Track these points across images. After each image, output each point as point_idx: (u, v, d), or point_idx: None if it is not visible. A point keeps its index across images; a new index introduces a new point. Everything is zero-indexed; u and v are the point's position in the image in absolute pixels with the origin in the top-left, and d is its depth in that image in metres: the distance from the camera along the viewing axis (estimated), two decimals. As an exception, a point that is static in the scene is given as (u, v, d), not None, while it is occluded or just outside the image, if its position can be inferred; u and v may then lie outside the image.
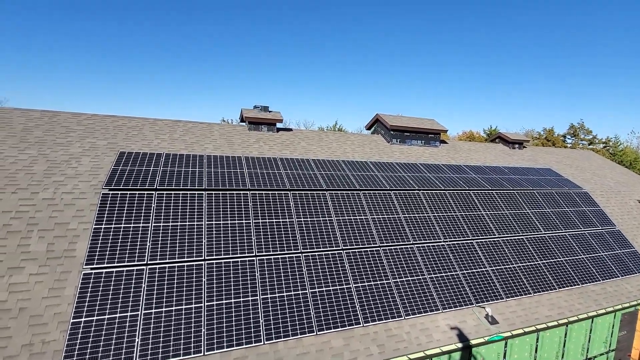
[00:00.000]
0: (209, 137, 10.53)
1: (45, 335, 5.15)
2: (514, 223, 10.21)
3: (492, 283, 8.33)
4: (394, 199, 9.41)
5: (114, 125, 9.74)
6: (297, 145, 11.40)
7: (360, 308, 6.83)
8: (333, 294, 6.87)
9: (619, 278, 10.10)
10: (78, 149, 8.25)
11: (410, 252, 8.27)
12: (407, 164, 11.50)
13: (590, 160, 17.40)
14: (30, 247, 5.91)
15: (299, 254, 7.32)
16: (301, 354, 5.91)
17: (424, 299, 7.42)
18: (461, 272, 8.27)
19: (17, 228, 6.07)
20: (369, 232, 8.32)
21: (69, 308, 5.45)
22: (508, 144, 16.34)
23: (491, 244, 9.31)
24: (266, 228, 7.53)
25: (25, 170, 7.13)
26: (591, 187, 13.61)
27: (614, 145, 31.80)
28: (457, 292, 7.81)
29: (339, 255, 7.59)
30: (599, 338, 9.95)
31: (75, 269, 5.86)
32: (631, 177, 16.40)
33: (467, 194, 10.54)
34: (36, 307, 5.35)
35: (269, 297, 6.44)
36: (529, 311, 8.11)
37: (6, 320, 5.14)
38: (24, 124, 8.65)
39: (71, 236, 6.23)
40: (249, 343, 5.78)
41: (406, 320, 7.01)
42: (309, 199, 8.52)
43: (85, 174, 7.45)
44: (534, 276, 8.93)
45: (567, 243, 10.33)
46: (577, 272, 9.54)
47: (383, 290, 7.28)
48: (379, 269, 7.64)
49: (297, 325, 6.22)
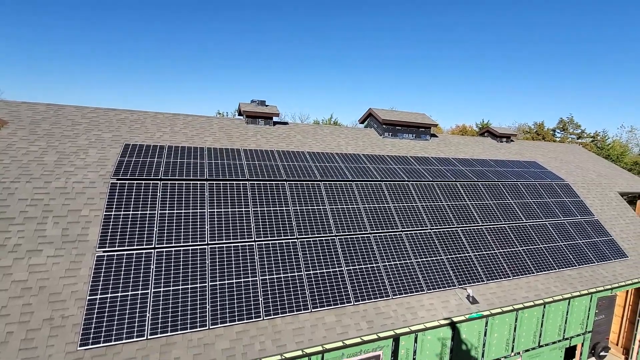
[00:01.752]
0: (208, 130, 10.98)
1: (64, 310, 5.67)
2: (497, 212, 10.85)
3: (474, 267, 8.97)
4: (384, 190, 9.97)
5: (116, 118, 10.15)
6: (293, 138, 11.89)
7: (352, 288, 7.43)
8: (326, 276, 7.45)
9: (595, 264, 10.81)
10: (85, 141, 8.68)
11: (398, 238, 8.87)
12: (397, 157, 12.06)
13: (575, 153, 18.09)
14: (46, 231, 6.39)
15: (295, 239, 7.88)
16: (297, 328, 6.50)
17: (410, 281, 8.04)
18: (445, 257, 8.89)
19: (33, 214, 6.54)
20: (361, 220, 8.89)
21: (84, 287, 5.96)
22: (496, 137, 16.96)
23: (475, 231, 9.94)
24: (264, 216, 8.07)
25: (37, 161, 7.56)
26: (573, 180, 14.28)
27: (602, 139, 32.67)
28: (441, 275, 8.44)
29: (332, 241, 8.16)
30: (576, 320, 10.69)
31: (88, 252, 6.37)
32: (613, 170, 17.12)
33: (453, 185, 11.14)
34: (54, 285, 5.86)
35: (267, 278, 7.00)
36: (508, 293, 8.78)
37: (28, 298, 5.65)
38: (31, 117, 9.04)
39: (84, 222, 6.72)
40: (250, 319, 6.35)
41: (393, 299, 7.63)
42: (304, 189, 9.06)
43: (94, 165, 7.91)
44: (514, 261, 9.59)
45: (546, 231, 11.00)
46: (554, 258, 10.22)
47: (373, 273, 7.88)
48: (369, 253, 8.23)
49: (294, 303, 6.80)
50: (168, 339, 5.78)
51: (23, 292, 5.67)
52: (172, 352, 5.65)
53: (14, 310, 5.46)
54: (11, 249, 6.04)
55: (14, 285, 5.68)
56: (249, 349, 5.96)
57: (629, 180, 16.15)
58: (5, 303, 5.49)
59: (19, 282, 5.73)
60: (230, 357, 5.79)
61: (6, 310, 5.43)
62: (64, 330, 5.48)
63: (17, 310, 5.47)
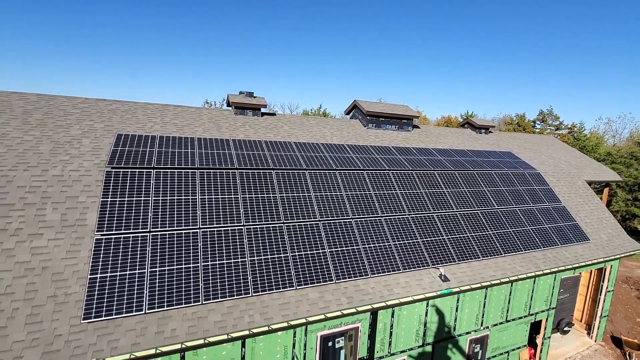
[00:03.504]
0: (198, 120, 11.35)
1: (67, 288, 6.14)
2: (471, 199, 11.63)
3: (448, 249, 9.74)
4: (366, 178, 10.60)
5: (107, 109, 10.42)
6: (280, 129, 12.36)
7: (333, 268, 8.08)
8: (310, 257, 8.08)
9: (559, 246, 11.76)
10: (78, 131, 8.98)
11: (378, 223, 9.54)
12: (380, 147, 12.69)
13: (548, 144, 19.09)
14: (46, 217, 6.79)
15: (282, 224, 8.46)
16: (283, 303, 7.14)
17: (388, 262, 8.75)
18: (421, 240, 9.63)
19: (32, 201, 6.92)
20: (343, 206, 9.51)
21: (85, 267, 6.43)
22: (475, 129, 17.75)
23: (449, 217, 10.70)
24: (252, 202, 8.60)
25: (32, 150, 7.88)
26: (544, 169, 15.21)
27: (579, 130, 34.07)
28: (417, 256, 9.18)
29: (316, 226, 8.77)
30: (541, 297, 11.67)
31: (87, 236, 6.81)
32: (584, 160, 18.18)
33: (431, 174, 11.85)
34: (56, 266, 6.31)
35: (255, 259, 7.58)
36: (477, 272, 9.60)
37: (32, 277, 6.09)
38: (23, 107, 9.26)
39: (81, 208, 7.14)
40: (240, 295, 6.94)
41: (372, 278, 8.33)
42: (290, 177, 9.60)
43: (88, 154, 8.26)
44: (484, 244, 10.41)
45: (516, 216, 11.87)
46: (522, 241, 11.11)
47: (353, 254, 8.55)
48: (350, 237, 8.88)
49: (280, 281, 7.42)
50: (164, 313, 6.33)
51: (26, 272, 6.10)
52: (169, 324, 6.21)
53: (18, 288, 5.90)
54: (12, 232, 6.43)
55: (18, 266, 6.11)
56: (239, 322, 6.57)
57: (597, 169, 17.23)
58: (10, 282, 5.92)
59: (22, 263, 6.15)
60: (222, 328, 6.38)
61: (11, 288, 5.87)
62: (68, 306, 5.96)
63: (21, 288, 5.91)
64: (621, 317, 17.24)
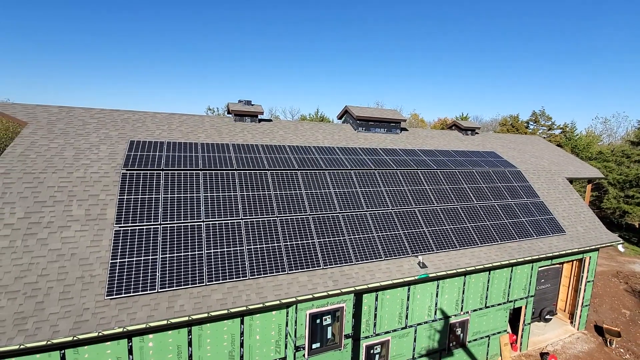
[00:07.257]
0: (201, 127, 12.53)
1: (92, 271, 7.28)
2: (452, 195, 12.66)
3: (427, 240, 10.77)
4: (353, 177, 11.69)
5: (120, 118, 11.63)
6: (276, 133, 13.50)
7: (321, 256, 9.15)
8: (301, 246, 9.15)
9: (535, 238, 12.70)
10: (96, 138, 10.18)
11: (363, 217, 10.61)
12: (368, 149, 13.77)
13: (533, 144, 20.05)
14: (72, 212, 7.95)
15: (275, 218, 9.55)
16: (276, 285, 8.21)
17: (371, 251, 9.79)
18: (403, 232, 10.67)
19: (60, 199, 8.09)
20: (332, 202, 10.60)
21: (106, 253, 7.56)
22: (462, 130, 18.78)
23: (430, 211, 11.73)
24: (249, 199, 9.71)
25: (58, 155, 9.07)
26: (526, 167, 16.19)
27: (570, 130, 34.90)
28: (398, 246, 10.21)
29: (307, 219, 9.86)
30: (519, 285, 12.61)
31: (108, 228, 7.96)
32: (566, 158, 19.12)
33: (415, 173, 12.91)
34: (83, 252, 7.45)
35: (252, 247, 8.68)
36: (454, 260, 10.60)
37: (62, 262, 7.23)
38: (47, 118, 10.49)
39: (102, 204, 8.30)
40: (238, 278, 8.03)
41: (356, 265, 9.38)
42: (283, 177, 10.71)
43: (106, 158, 9.44)
44: (462, 235, 11.42)
45: (494, 210, 12.87)
46: (498, 233, 12.10)
47: (340, 244, 9.61)
48: (337, 229, 9.95)
49: (273, 267, 8.50)
50: (174, 292, 7.44)
51: (58, 257, 7.25)
52: (178, 301, 7.31)
53: (52, 271, 7.04)
54: (45, 225, 7.59)
55: (51, 253, 7.26)
56: (238, 299, 7.66)
57: (578, 167, 18.15)
58: (45, 266, 7.06)
59: (54, 250, 7.30)
60: (223, 305, 7.47)
61: (46, 270, 7.01)
62: (93, 285, 7.09)
63: (54, 271, 7.05)
64: (607, 309, 18.08)
